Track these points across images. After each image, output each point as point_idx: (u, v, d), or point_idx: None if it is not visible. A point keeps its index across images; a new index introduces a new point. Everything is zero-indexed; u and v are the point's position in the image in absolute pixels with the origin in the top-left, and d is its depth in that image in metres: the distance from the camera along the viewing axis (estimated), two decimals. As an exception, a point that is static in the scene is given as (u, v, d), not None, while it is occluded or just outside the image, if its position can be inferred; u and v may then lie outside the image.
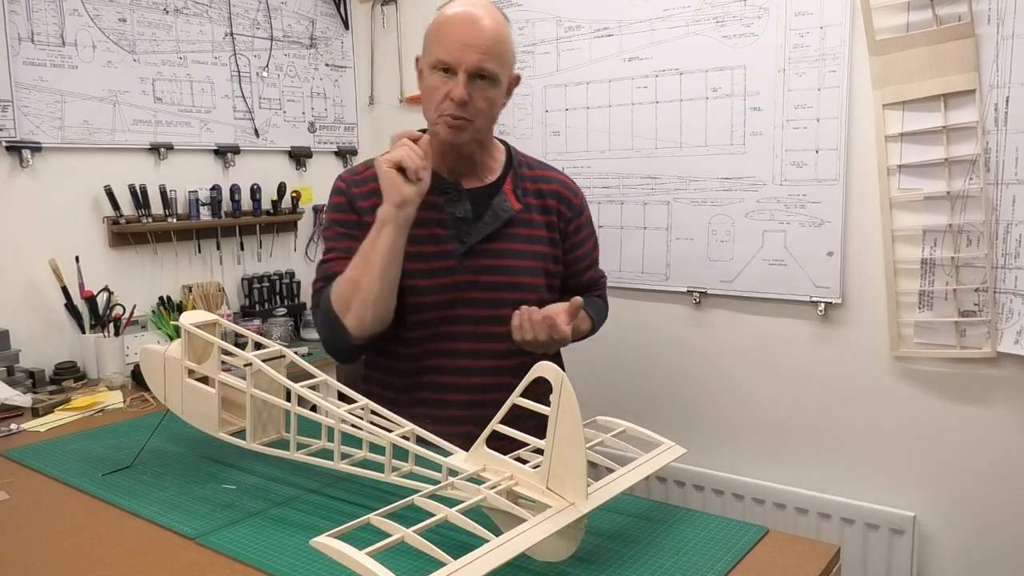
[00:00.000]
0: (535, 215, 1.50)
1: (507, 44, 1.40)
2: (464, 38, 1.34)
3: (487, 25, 1.35)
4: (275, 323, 2.55)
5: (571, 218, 1.53)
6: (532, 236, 1.49)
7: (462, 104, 1.34)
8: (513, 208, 1.47)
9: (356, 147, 2.99)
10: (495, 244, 1.45)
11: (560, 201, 1.52)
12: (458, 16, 1.36)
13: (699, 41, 2.14)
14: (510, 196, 1.48)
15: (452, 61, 1.34)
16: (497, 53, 1.36)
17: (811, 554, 1.03)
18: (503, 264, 1.44)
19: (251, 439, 1.22)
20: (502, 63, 1.38)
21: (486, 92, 1.37)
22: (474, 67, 1.34)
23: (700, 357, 2.27)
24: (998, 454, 1.85)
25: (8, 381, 1.87)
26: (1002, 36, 1.69)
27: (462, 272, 1.42)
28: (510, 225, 1.46)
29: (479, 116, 1.38)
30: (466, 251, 1.43)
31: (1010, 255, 1.74)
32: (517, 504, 0.95)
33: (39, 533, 1.13)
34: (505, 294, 1.43)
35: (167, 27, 2.37)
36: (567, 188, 1.55)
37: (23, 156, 2.07)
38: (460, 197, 1.45)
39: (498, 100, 1.41)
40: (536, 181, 1.53)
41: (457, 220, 1.44)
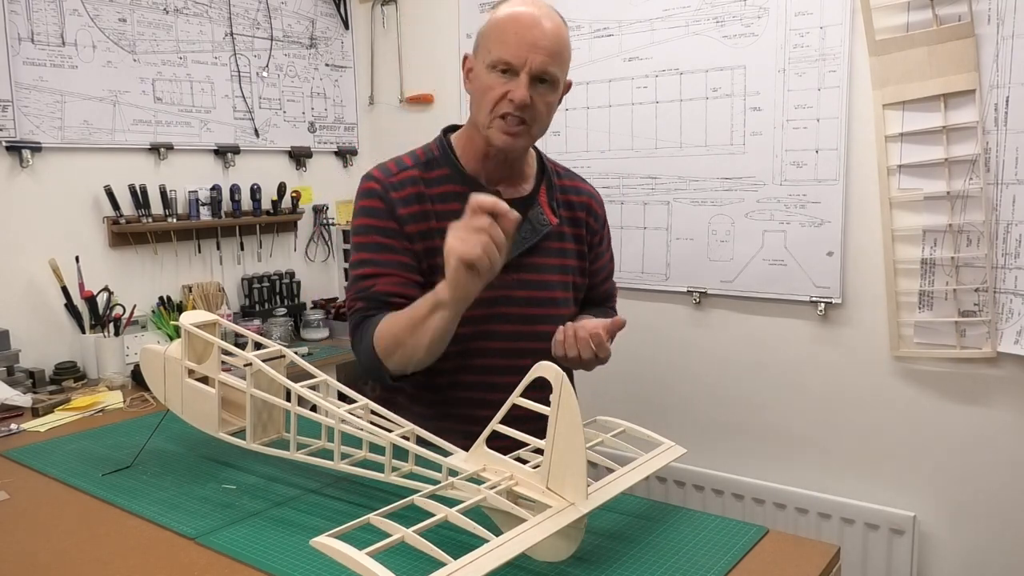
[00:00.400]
0: (565, 228, 1.46)
1: (569, 48, 1.34)
2: (530, 38, 1.27)
3: (552, 27, 1.30)
4: (275, 323, 2.55)
5: (597, 230, 1.51)
6: (563, 250, 1.45)
7: (523, 107, 1.28)
8: (551, 222, 1.42)
9: (356, 147, 2.99)
10: (530, 259, 1.39)
11: (589, 213, 1.50)
12: (524, 15, 1.29)
13: (699, 41, 2.14)
14: (546, 209, 1.43)
15: (516, 61, 1.27)
16: (561, 56, 1.31)
17: (811, 554, 1.03)
18: (538, 279, 1.40)
19: (251, 439, 1.22)
20: (564, 67, 1.33)
21: (546, 96, 1.31)
22: (538, 69, 1.28)
23: (700, 357, 2.27)
24: (998, 454, 1.85)
25: (8, 381, 1.87)
26: (1002, 36, 1.69)
27: (498, 287, 1.30)
28: (545, 239, 1.41)
29: (536, 121, 1.32)
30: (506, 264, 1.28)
31: (1010, 255, 1.74)
32: (517, 504, 0.95)
33: (39, 533, 1.13)
34: (539, 309, 1.39)
35: (167, 27, 2.37)
36: (594, 199, 1.52)
37: (23, 156, 2.07)
38: None
39: (553, 105, 1.35)
40: (566, 192, 1.48)
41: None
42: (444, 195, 1.36)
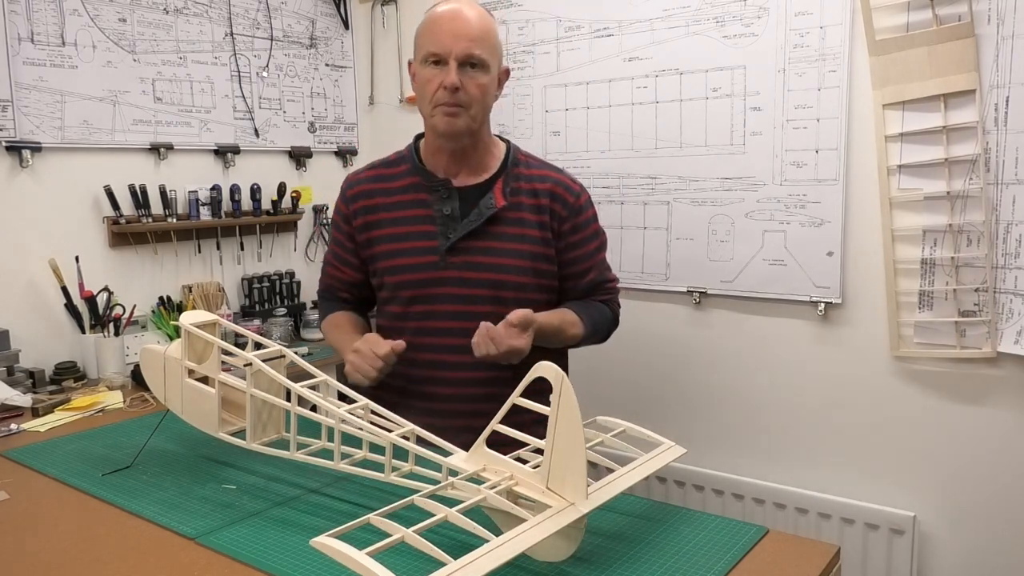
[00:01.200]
0: (526, 214, 1.50)
1: (494, 35, 1.46)
2: (452, 29, 1.41)
3: (473, 16, 1.43)
4: (275, 323, 2.55)
5: (566, 217, 1.52)
6: (522, 235, 1.49)
7: (454, 90, 1.40)
8: (496, 205, 1.48)
9: (356, 147, 2.99)
10: (480, 242, 1.48)
11: (554, 200, 1.52)
12: (445, 12, 1.44)
13: (699, 41, 2.14)
14: (497, 194, 1.49)
15: (442, 51, 1.40)
16: (485, 40, 1.42)
17: (811, 554, 1.03)
18: (487, 261, 1.47)
19: (251, 439, 1.22)
20: (491, 51, 1.44)
21: (477, 79, 1.42)
22: (463, 54, 1.40)
23: (700, 357, 2.27)
24: (998, 454, 1.85)
25: (8, 381, 1.87)
26: (1002, 36, 1.69)
27: (445, 268, 1.48)
28: (497, 223, 1.48)
29: (473, 103, 1.42)
30: (449, 247, 1.47)
31: (1010, 255, 1.74)
32: (517, 504, 0.95)
33: (39, 533, 1.13)
34: (486, 291, 1.47)
35: (167, 27, 2.37)
36: (563, 187, 1.54)
37: (23, 156, 2.07)
38: (450, 195, 1.49)
39: (490, 88, 1.46)
40: (532, 180, 1.53)
41: (445, 217, 1.49)
42: (404, 188, 1.53)
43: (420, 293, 1.49)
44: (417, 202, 1.50)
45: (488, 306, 1.45)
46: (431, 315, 1.49)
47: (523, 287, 1.49)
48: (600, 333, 1.59)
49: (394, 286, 1.53)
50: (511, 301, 1.44)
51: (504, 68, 1.51)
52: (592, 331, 1.55)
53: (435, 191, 1.50)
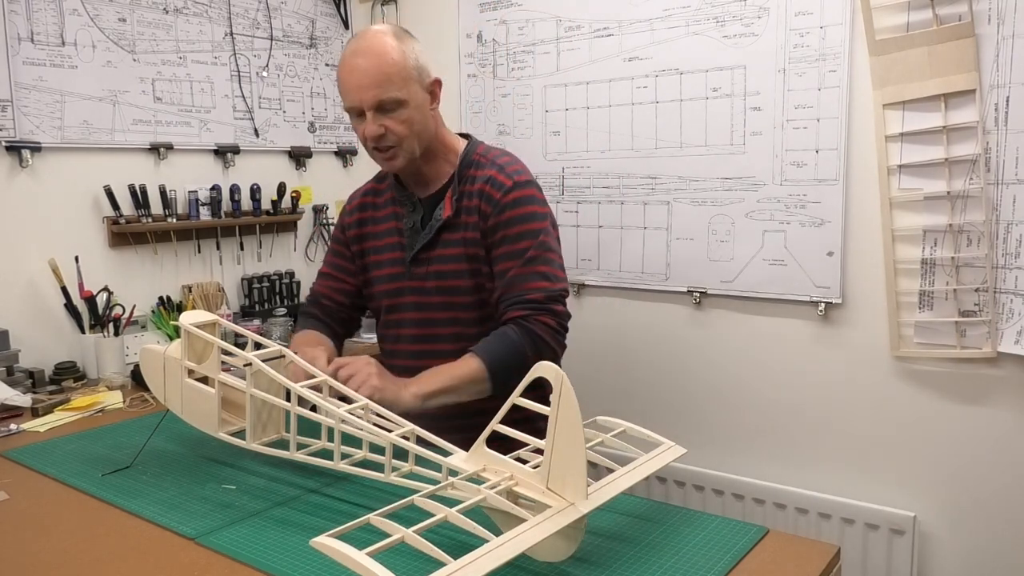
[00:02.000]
0: (467, 217, 1.49)
1: (397, 67, 1.42)
2: (354, 83, 1.42)
3: (373, 59, 1.41)
4: (275, 323, 2.55)
5: (489, 214, 1.46)
6: (465, 239, 1.50)
7: (378, 138, 1.44)
8: (443, 215, 1.51)
9: (356, 147, 2.99)
10: (433, 252, 1.52)
11: (482, 198, 1.48)
12: (344, 64, 1.45)
13: (699, 41, 2.14)
14: (446, 203, 1.52)
15: (354, 105, 1.44)
16: (391, 80, 1.41)
17: (811, 554, 1.03)
18: (439, 270, 1.52)
19: (251, 439, 1.22)
20: (400, 85, 1.42)
21: (399, 116, 1.44)
22: (373, 103, 1.41)
23: (700, 357, 2.27)
24: (998, 454, 1.85)
25: (8, 381, 1.87)
26: (1002, 36, 1.69)
27: (409, 279, 1.55)
28: (448, 231, 1.51)
29: (403, 139, 1.45)
30: (412, 259, 1.54)
31: (1010, 255, 1.74)
32: (517, 504, 0.95)
33: (39, 533, 1.13)
34: (440, 298, 1.52)
35: (167, 27, 2.37)
36: (492, 183, 1.47)
37: (23, 156, 2.07)
38: (415, 208, 1.56)
39: (414, 117, 1.45)
40: (476, 181, 1.50)
41: (409, 230, 1.56)
42: (385, 203, 1.62)
43: (391, 303, 1.57)
44: (393, 215, 1.59)
45: (444, 312, 1.51)
46: (400, 323, 1.58)
47: (468, 291, 1.51)
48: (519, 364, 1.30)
49: (374, 296, 1.63)
50: (464, 307, 1.50)
51: (432, 80, 1.49)
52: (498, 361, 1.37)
53: (404, 204, 1.58)
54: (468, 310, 1.51)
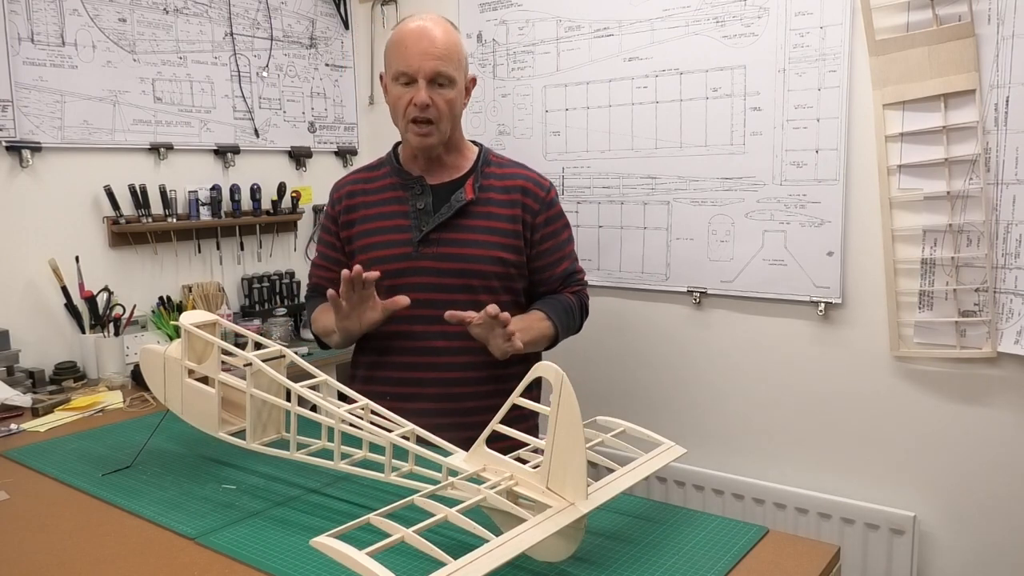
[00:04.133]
0: (495, 208, 1.59)
1: (459, 50, 1.55)
2: (419, 48, 1.49)
3: (438, 34, 1.51)
4: (275, 323, 2.55)
5: (538, 210, 1.61)
6: (490, 227, 1.58)
7: (424, 107, 1.50)
8: (466, 198, 1.57)
9: (356, 147, 2.99)
10: (450, 234, 1.57)
11: (525, 194, 1.61)
12: (411, 30, 1.52)
13: (699, 41, 2.14)
14: (467, 188, 1.59)
15: (411, 70, 1.50)
16: (451, 57, 1.51)
17: (811, 554, 1.03)
18: (456, 252, 1.57)
19: (251, 439, 1.22)
20: (456, 66, 1.53)
21: (445, 95, 1.52)
22: (431, 72, 1.49)
23: (700, 357, 2.27)
24: (998, 454, 1.85)
25: (8, 381, 1.87)
26: (1002, 36, 1.69)
27: (418, 259, 1.57)
28: (467, 216, 1.58)
29: (442, 118, 1.53)
30: (422, 239, 1.57)
31: (1010, 255, 1.74)
32: (517, 504, 0.95)
33: (39, 533, 1.13)
34: (456, 279, 1.56)
35: (167, 27, 2.37)
36: (533, 183, 1.63)
37: (23, 156, 2.07)
38: (423, 191, 1.60)
39: (458, 100, 1.56)
40: (503, 178, 1.63)
41: (418, 211, 1.59)
42: (382, 187, 1.65)
43: (392, 284, 1.56)
44: (394, 199, 1.62)
45: (458, 294, 1.55)
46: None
47: (489, 276, 1.57)
48: (572, 327, 1.67)
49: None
50: (480, 289, 1.56)
51: (471, 77, 1.61)
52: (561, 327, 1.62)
53: (410, 188, 1.61)
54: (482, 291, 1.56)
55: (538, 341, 1.57)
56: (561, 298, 1.64)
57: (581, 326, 1.71)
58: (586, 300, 1.71)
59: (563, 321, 1.61)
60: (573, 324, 1.66)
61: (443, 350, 1.55)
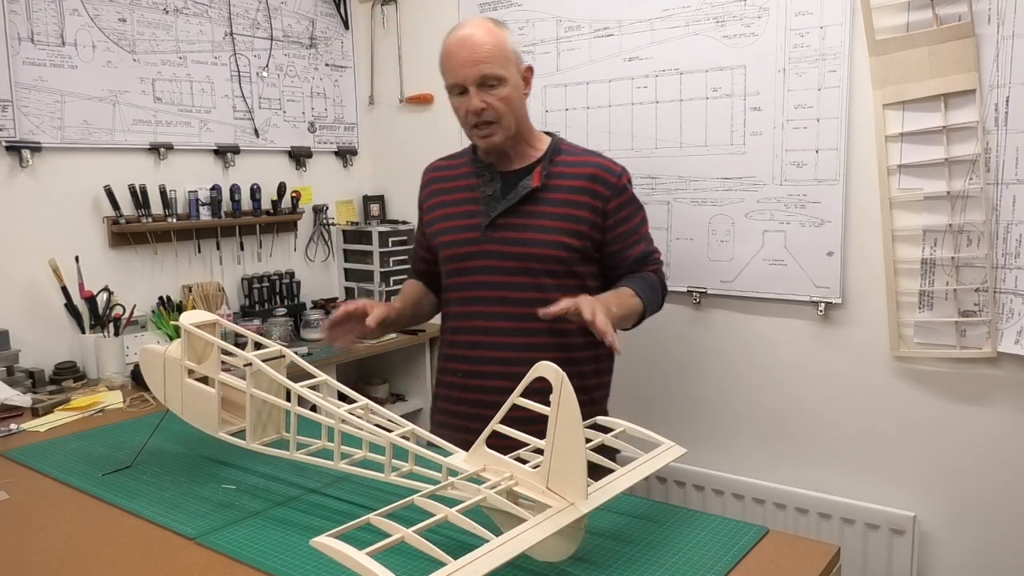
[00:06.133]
0: (564, 194, 1.62)
1: (502, 46, 1.57)
2: (462, 58, 1.55)
3: (478, 38, 1.55)
4: (275, 323, 2.55)
5: (610, 197, 1.64)
6: (555, 213, 1.61)
7: (479, 112, 1.56)
8: (531, 184, 1.62)
9: (356, 147, 2.99)
10: (516, 219, 1.62)
11: (595, 181, 1.64)
12: (453, 41, 1.58)
13: (699, 41, 2.14)
14: (535, 176, 1.63)
15: (459, 81, 1.56)
16: (494, 58, 1.55)
17: (811, 554, 1.03)
18: (520, 237, 1.62)
19: (251, 439, 1.22)
20: (502, 64, 1.56)
21: (498, 93, 1.56)
22: (477, 78, 1.54)
23: (700, 357, 2.27)
24: (998, 454, 1.85)
25: (8, 381, 1.87)
26: (1002, 36, 1.69)
27: (486, 242, 1.63)
28: (533, 202, 1.62)
29: (501, 116, 1.57)
30: (489, 224, 1.63)
31: (1010, 255, 1.74)
32: (517, 504, 0.95)
33: (39, 533, 1.13)
34: (517, 263, 1.61)
35: (167, 27, 2.37)
36: (604, 169, 1.66)
37: (23, 156, 2.07)
38: (493, 178, 1.66)
39: (513, 95, 1.59)
40: (573, 166, 1.66)
41: (487, 197, 1.66)
42: (458, 175, 1.73)
43: (462, 266, 1.66)
44: (467, 186, 1.69)
45: (520, 277, 1.61)
46: (471, 285, 1.66)
47: (550, 260, 1.60)
48: (655, 304, 1.71)
49: (443, 259, 1.72)
50: (540, 272, 1.60)
51: (526, 67, 1.64)
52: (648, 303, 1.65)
53: (481, 175, 1.68)
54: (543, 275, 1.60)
55: (629, 316, 1.60)
56: (646, 275, 1.68)
57: (662, 304, 1.74)
58: (664, 279, 1.75)
59: (649, 298, 1.65)
60: (656, 300, 1.70)
61: (507, 331, 1.61)
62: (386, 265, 2.79)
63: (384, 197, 3.01)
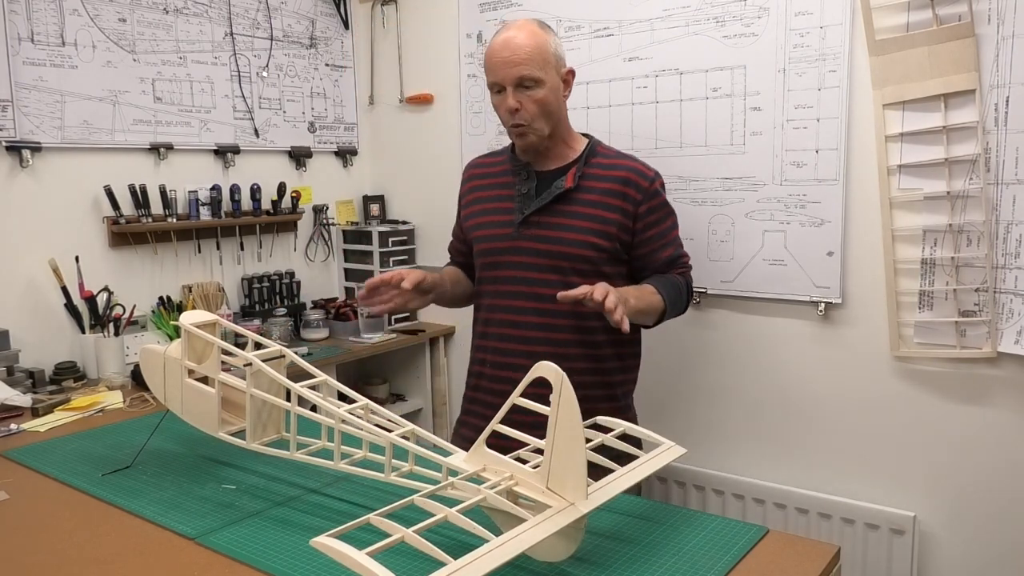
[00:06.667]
0: (596, 196, 1.66)
1: (544, 50, 1.62)
2: (501, 59, 1.60)
3: (519, 41, 1.60)
4: (275, 323, 2.55)
5: (641, 200, 1.67)
6: (586, 214, 1.65)
7: (515, 112, 1.61)
8: (565, 185, 1.65)
9: (356, 147, 2.99)
10: (548, 217, 1.66)
11: (628, 184, 1.67)
12: (496, 43, 1.63)
13: (699, 41, 2.14)
14: (568, 177, 1.67)
15: (498, 80, 1.62)
16: (532, 60, 1.59)
17: (811, 554, 1.03)
18: (551, 235, 1.66)
19: (251, 439, 1.22)
20: (540, 66, 1.60)
21: (534, 95, 1.61)
22: (515, 79, 1.59)
23: (700, 357, 2.27)
24: (998, 454, 1.85)
25: (8, 381, 1.87)
26: (1002, 36, 1.69)
27: (519, 239, 1.68)
28: (566, 202, 1.66)
29: (535, 118, 1.62)
30: (522, 221, 1.68)
31: (1010, 255, 1.74)
32: (517, 504, 0.95)
33: (39, 533, 1.14)
34: (547, 260, 1.65)
35: (167, 27, 2.37)
36: (637, 173, 1.69)
37: (23, 156, 2.07)
38: (529, 176, 1.71)
39: (550, 97, 1.63)
40: (608, 168, 1.69)
41: (522, 195, 1.70)
42: (497, 172, 1.78)
43: (496, 260, 1.71)
44: (505, 184, 1.74)
45: (549, 274, 1.64)
46: (503, 280, 1.71)
47: (579, 259, 1.64)
48: (679, 305, 1.73)
49: (478, 253, 1.77)
50: (569, 271, 1.63)
51: (567, 70, 1.68)
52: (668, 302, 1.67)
53: (518, 174, 1.72)
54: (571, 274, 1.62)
55: (648, 311, 1.62)
56: (672, 277, 1.71)
57: (687, 307, 1.77)
58: (690, 282, 1.77)
59: (671, 297, 1.67)
60: (680, 301, 1.72)
61: (535, 325, 1.65)
62: (386, 265, 2.79)
63: (384, 197, 3.01)
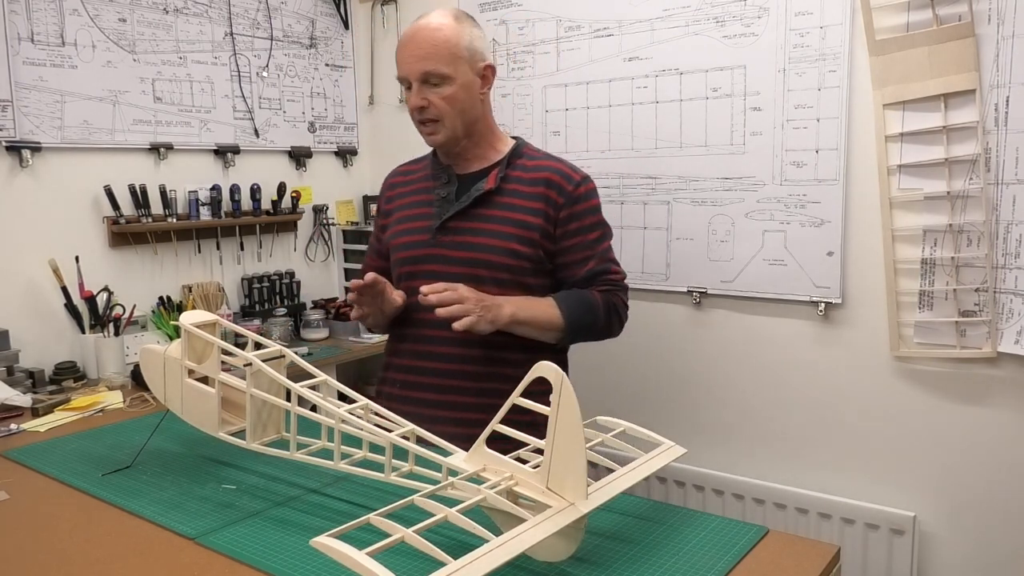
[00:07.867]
0: (518, 199, 1.55)
1: (452, 42, 1.49)
2: (407, 52, 1.51)
3: (425, 33, 1.50)
4: (275, 323, 2.55)
5: (562, 204, 1.55)
6: (507, 218, 1.54)
7: (419, 109, 1.52)
8: (485, 187, 1.55)
9: (356, 147, 2.99)
10: (466, 223, 1.55)
11: (550, 186, 1.55)
12: (405, 35, 1.53)
13: (699, 41, 2.14)
14: (490, 179, 1.56)
15: (403, 75, 1.52)
16: (439, 55, 1.48)
17: (811, 554, 1.03)
18: (468, 241, 1.55)
19: (251, 439, 1.22)
20: (448, 61, 1.49)
21: (442, 92, 1.50)
22: (419, 74, 1.49)
23: (700, 357, 2.27)
24: (998, 454, 1.85)
25: (8, 381, 1.87)
26: (1002, 36, 1.69)
27: (435, 246, 1.57)
28: (487, 206, 1.55)
29: (444, 115, 1.51)
30: (440, 227, 1.57)
31: (1010, 255, 1.74)
32: (517, 504, 0.95)
33: (39, 533, 1.13)
34: (464, 268, 1.53)
35: (167, 27, 2.37)
36: (561, 175, 1.57)
37: (23, 156, 2.07)
38: (449, 180, 1.60)
39: (459, 95, 1.51)
40: (531, 170, 1.58)
41: (441, 199, 1.59)
42: (417, 179, 1.67)
43: (412, 269, 1.59)
44: (424, 189, 1.64)
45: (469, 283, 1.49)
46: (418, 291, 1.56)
47: (498, 267, 1.53)
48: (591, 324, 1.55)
49: (395, 263, 1.64)
50: (487, 280, 1.51)
51: (484, 66, 1.55)
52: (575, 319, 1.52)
53: (438, 178, 1.62)
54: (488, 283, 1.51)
55: (536, 325, 1.50)
56: (582, 292, 1.56)
57: (609, 328, 1.59)
58: (616, 301, 1.59)
59: (575, 313, 1.52)
60: (591, 320, 1.54)
61: (443, 340, 1.51)
62: (386, 265, 2.79)
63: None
